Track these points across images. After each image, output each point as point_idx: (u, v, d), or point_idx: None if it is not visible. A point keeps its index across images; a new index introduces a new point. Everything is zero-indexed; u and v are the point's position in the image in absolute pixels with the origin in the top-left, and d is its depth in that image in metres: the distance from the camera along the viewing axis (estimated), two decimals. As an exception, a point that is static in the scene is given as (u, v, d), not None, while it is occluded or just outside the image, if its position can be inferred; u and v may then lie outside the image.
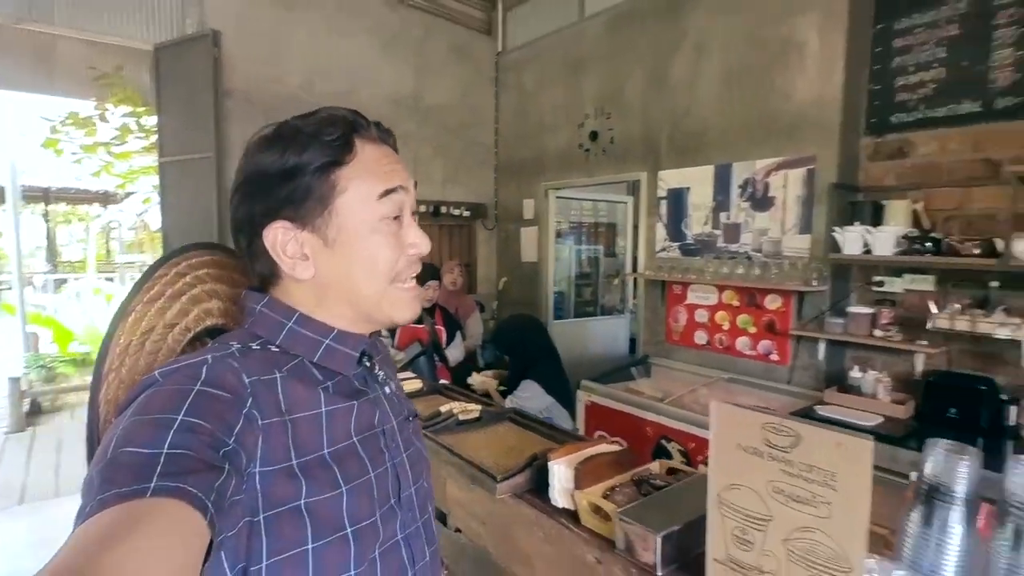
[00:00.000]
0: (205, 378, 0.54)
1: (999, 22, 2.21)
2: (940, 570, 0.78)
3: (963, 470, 0.77)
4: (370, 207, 0.63)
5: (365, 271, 0.64)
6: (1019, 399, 2.17)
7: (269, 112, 3.67)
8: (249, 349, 0.61)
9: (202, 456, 0.47)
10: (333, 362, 0.65)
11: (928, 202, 2.45)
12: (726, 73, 3.13)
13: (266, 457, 0.55)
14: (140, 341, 0.66)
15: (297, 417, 0.59)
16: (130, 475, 0.43)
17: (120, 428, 0.49)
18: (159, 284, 0.69)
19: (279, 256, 0.63)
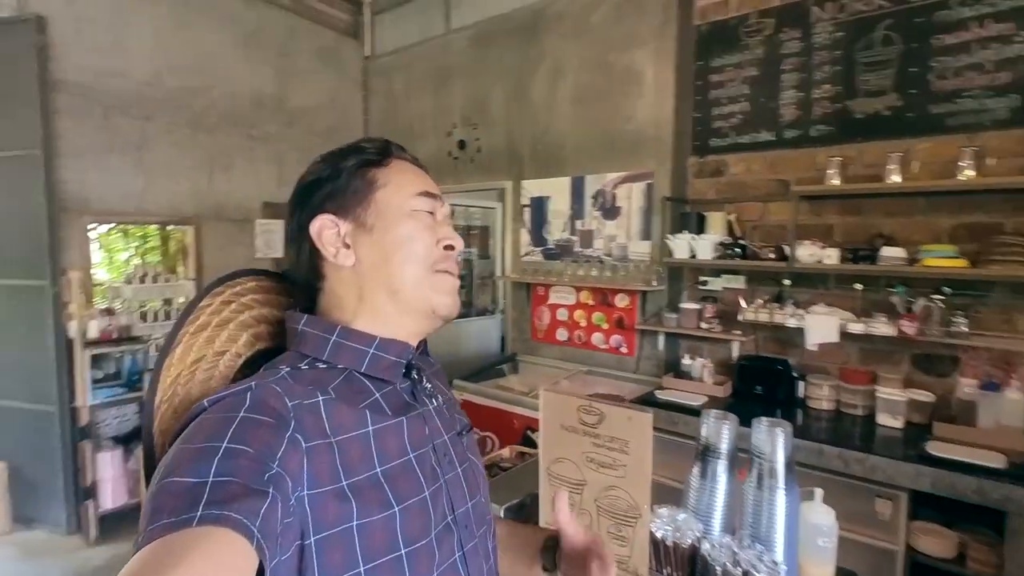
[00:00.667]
0: (249, 404, 0.55)
1: (785, 68, 2.70)
2: (712, 511, 1.02)
3: (726, 432, 1.02)
4: (408, 200, 0.68)
5: (403, 254, 0.67)
6: (806, 376, 2.67)
7: (110, 108, 3.39)
8: (299, 370, 0.63)
9: (247, 482, 0.48)
10: (379, 370, 0.66)
11: (739, 214, 2.91)
12: (579, 94, 3.44)
13: (313, 479, 0.55)
14: (190, 371, 0.66)
15: (344, 439, 0.59)
16: (177, 504, 0.45)
17: (170, 456, 0.51)
18: (204, 314, 0.68)
19: (322, 245, 0.67)
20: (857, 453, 2.13)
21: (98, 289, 3.63)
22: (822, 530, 1.11)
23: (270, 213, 4.24)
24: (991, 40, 2.21)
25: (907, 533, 2.10)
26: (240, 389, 0.57)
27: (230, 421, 0.53)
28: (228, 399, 0.56)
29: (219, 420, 0.53)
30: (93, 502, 2.93)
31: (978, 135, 2.26)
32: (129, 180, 3.52)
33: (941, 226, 2.38)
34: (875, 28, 2.45)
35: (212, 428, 0.52)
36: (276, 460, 0.52)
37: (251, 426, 0.53)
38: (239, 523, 0.44)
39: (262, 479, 0.49)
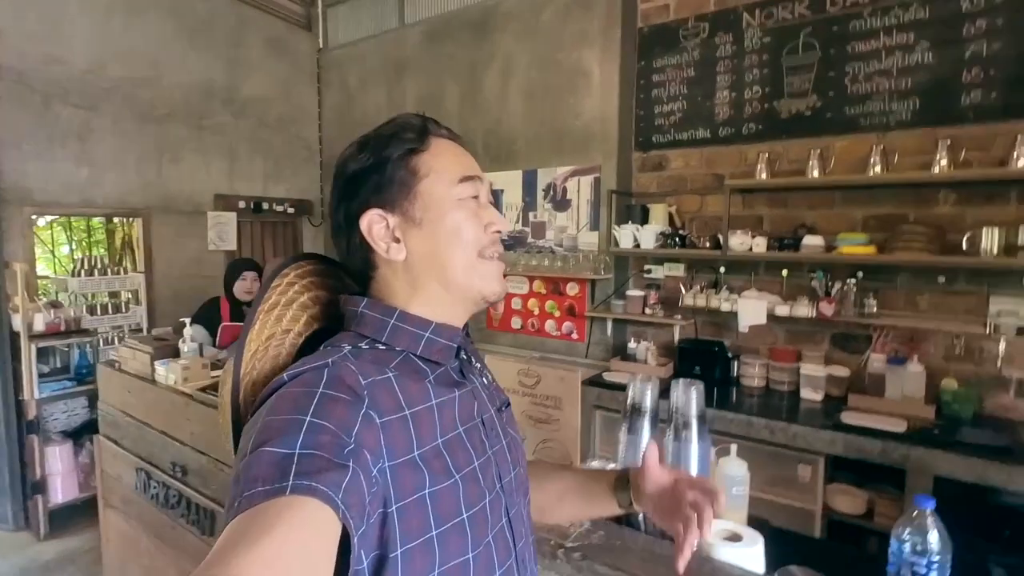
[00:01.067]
0: (326, 380, 0.59)
1: (719, 70, 2.90)
2: (638, 460, 1.17)
3: (648, 392, 1.16)
4: (452, 188, 0.69)
5: (453, 244, 0.69)
6: (739, 356, 2.89)
7: (51, 96, 3.31)
8: (360, 349, 0.66)
9: (329, 455, 0.52)
10: (434, 353, 0.69)
11: (679, 206, 3.11)
12: (529, 90, 3.57)
13: (392, 451, 0.59)
14: (265, 347, 0.69)
15: (415, 411, 0.63)
16: (270, 473, 0.49)
17: (257, 427, 0.55)
18: (275, 294, 0.72)
19: (374, 241, 0.68)
20: (781, 423, 2.34)
21: (43, 282, 3.55)
22: (736, 480, 1.28)
23: (222, 205, 4.21)
24: (896, 48, 2.45)
25: (824, 494, 2.34)
26: (318, 366, 0.61)
27: (311, 396, 0.56)
28: (307, 374, 0.59)
29: (301, 395, 0.57)
30: (43, 497, 2.88)
31: (886, 134, 2.51)
32: (72, 170, 3.44)
33: (855, 217, 2.63)
34: (798, 35, 2.66)
35: (296, 402, 0.56)
36: (352, 435, 0.55)
37: (329, 402, 0.56)
38: (325, 494, 0.48)
39: (342, 453, 0.53)
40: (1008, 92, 2.25)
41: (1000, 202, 2.32)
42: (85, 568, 2.64)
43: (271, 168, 4.56)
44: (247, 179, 4.39)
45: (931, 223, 2.41)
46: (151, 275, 3.83)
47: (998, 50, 2.26)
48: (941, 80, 2.37)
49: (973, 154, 2.33)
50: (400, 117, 0.72)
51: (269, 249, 4.62)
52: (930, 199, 2.45)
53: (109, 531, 2.28)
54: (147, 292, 3.79)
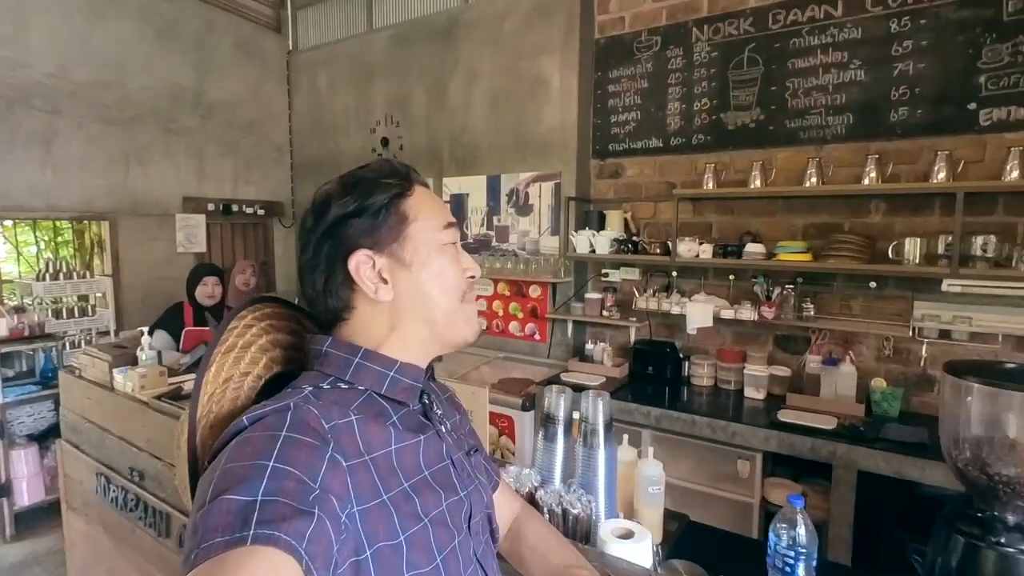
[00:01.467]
0: (290, 423, 0.58)
1: (671, 82, 3.01)
2: (553, 466, 1.27)
3: (562, 403, 1.27)
4: (437, 233, 0.72)
5: (440, 287, 0.71)
6: (690, 356, 3.02)
7: (13, 100, 3.32)
8: (321, 390, 0.66)
9: (293, 502, 0.50)
10: (398, 393, 0.70)
11: (634, 212, 3.22)
12: (493, 97, 3.65)
13: (360, 496, 0.58)
14: (222, 389, 0.69)
15: (376, 455, 0.62)
16: (229, 522, 0.47)
17: (216, 474, 0.52)
18: (232, 336, 0.72)
19: (362, 281, 0.69)
20: (721, 422, 2.47)
21: (8, 286, 3.56)
22: (652, 480, 1.39)
23: (191, 207, 4.23)
24: (832, 66, 2.58)
25: (762, 488, 2.48)
26: (280, 408, 0.60)
27: (274, 440, 0.55)
28: (269, 418, 0.58)
29: (263, 439, 0.55)
30: (8, 499, 2.92)
31: (823, 147, 2.64)
32: (36, 174, 3.45)
33: (796, 225, 2.77)
34: (743, 50, 2.78)
35: (258, 447, 0.54)
36: (318, 480, 0.54)
37: (294, 446, 0.55)
38: (287, 544, 0.47)
39: (307, 500, 0.51)
40: (931, 109, 2.39)
41: (925, 213, 2.46)
42: (51, 569, 2.69)
43: (240, 170, 4.59)
44: (216, 181, 4.41)
45: (863, 232, 2.55)
46: (119, 278, 3.86)
47: (923, 69, 2.40)
48: (872, 97, 2.51)
49: (901, 167, 2.47)
50: (382, 162, 0.75)
51: (240, 251, 4.65)
52: (863, 209, 2.59)
53: (72, 533, 2.35)
54: (115, 295, 3.82)
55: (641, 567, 1.01)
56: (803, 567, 1.06)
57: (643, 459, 1.43)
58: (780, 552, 1.08)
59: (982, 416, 0.88)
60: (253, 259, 4.43)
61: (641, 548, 1.06)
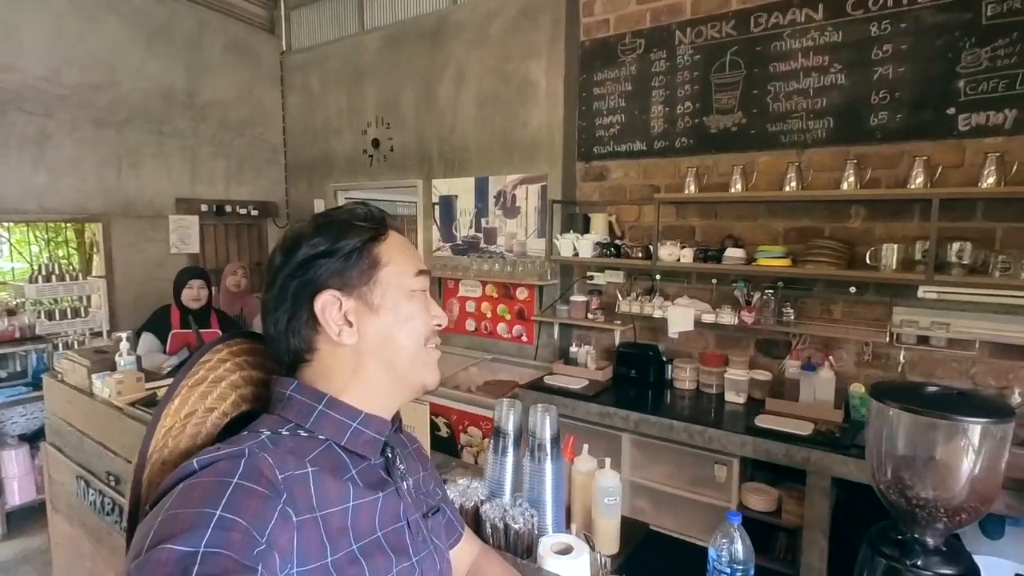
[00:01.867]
0: (243, 471, 0.55)
1: (655, 85, 3.00)
2: (503, 479, 1.29)
3: (511, 417, 1.28)
4: (408, 279, 0.72)
5: (406, 331, 0.70)
6: (672, 360, 3.02)
7: (5, 103, 3.36)
8: (279, 435, 0.63)
9: (237, 556, 0.48)
10: (359, 446, 0.67)
11: (619, 215, 3.22)
12: (481, 99, 3.65)
13: (302, 556, 0.55)
14: (182, 424, 0.66)
15: (327, 512, 0.60)
16: (167, 575, 0.45)
17: (159, 519, 0.50)
18: (203, 369, 0.70)
19: (326, 322, 0.66)
20: (698, 427, 2.48)
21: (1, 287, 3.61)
22: (609, 491, 1.40)
23: (184, 209, 4.27)
24: (812, 70, 2.56)
25: (739, 493, 2.49)
26: (232, 452, 0.57)
27: (223, 487, 0.52)
28: (221, 463, 0.55)
29: (212, 485, 0.52)
30: (-1, 499, 2.99)
31: (804, 151, 2.63)
32: (28, 177, 3.50)
33: (777, 229, 2.76)
34: (725, 53, 2.77)
35: (206, 493, 0.52)
36: (266, 535, 0.52)
37: (244, 495, 0.52)
38: None
39: (251, 554, 0.49)
40: (911, 114, 2.38)
41: (904, 218, 2.45)
42: (40, 568, 2.75)
43: (233, 171, 4.62)
44: (209, 182, 4.45)
45: (843, 237, 2.54)
46: (112, 279, 3.90)
47: (903, 73, 2.38)
48: (852, 101, 2.49)
49: (881, 172, 2.46)
50: (357, 205, 0.74)
51: (234, 251, 4.69)
52: (843, 214, 2.58)
53: (57, 534, 2.39)
54: (108, 296, 3.87)
55: (574, 583, 1.02)
56: (740, 583, 1.07)
57: (600, 470, 1.44)
58: (718, 569, 1.09)
59: (902, 439, 0.88)
60: (245, 260, 4.47)
61: (578, 564, 1.07)
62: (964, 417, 0.81)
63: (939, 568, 0.84)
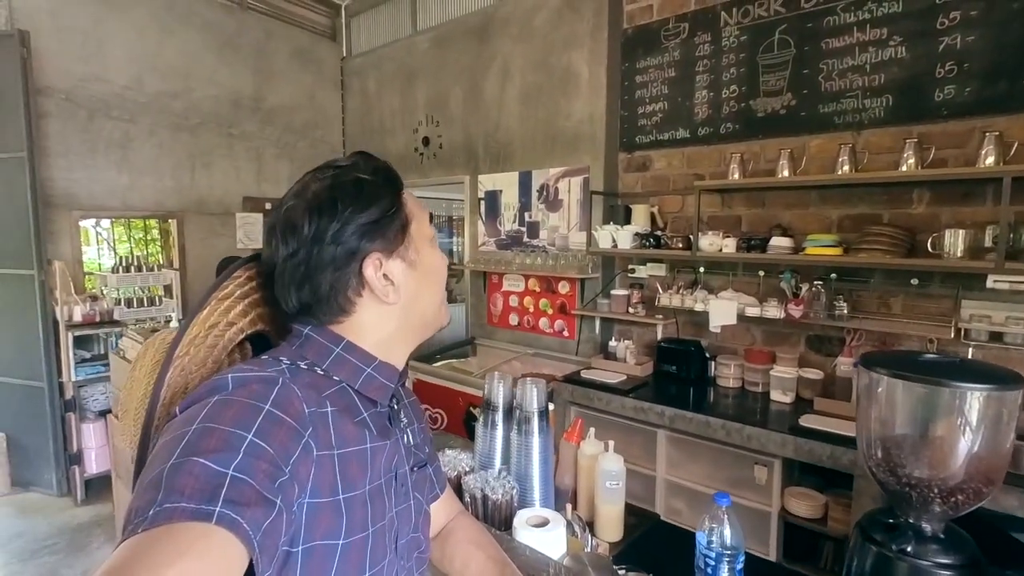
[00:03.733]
0: (275, 398, 0.56)
1: (699, 69, 2.88)
2: (493, 452, 1.27)
3: (500, 390, 1.26)
4: (425, 228, 0.73)
5: (434, 282, 0.73)
6: (716, 356, 2.88)
7: (94, 111, 3.70)
8: (298, 368, 0.65)
9: (261, 487, 0.49)
10: (372, 390, 0.69)
11: (661, 206, 3.12)
12: (525, 93, 3.66)
13: (316, 489, 0.57)
14: (205, 334, 0.68)
15: (345, 452, 0.61)
16: (198, 490, 0.46)
17: (193, 428, 0.51)
18: (233, 284, 0.72)
19: (375, 285, 0.67)
20: (735, 424, 2.34)
21: (89, 278, 3.98)
22: (611, 475, 1.35)
23: (250, 207, 4.54)
24: (869, 44, 2.37)
25: (782, 497, 2.33)
26: (267, 378, 0.58)
27: (256, 412, 0.54)
28: (255, 385, 0.57)
29: (247, 408, 0.54)
30: (79, 467, 3.28)
31: (860, 133, 2.44)
32: (114, 177, 3.84)
33: (830, 217, 2.57)
34: (773, 32, 2.62)
35: (239, 415, 0.53)
36: (289, 465, 0.53)
37: (275, 423, 0.54)
38: (245, 534, 0.46)
39: (273, 486, 0.51)
40: (982, 86, 2.15)
41: (975, 202, 2.22)
42: (108, 532, 2.99)
43: (296, 171, 4.84)
44: (273, 182, 4.71)
45: (904, 224, 2.33)
46: (184, 272, 4.21)
47: (972, 43, 2.16)
48: (914, 76, 2.29)
49: (947, 152, 2.24)
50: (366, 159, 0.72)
51: (295, 247, 4.92)
52: (903, 199, 2.37)
53: (119, 499, 2.59)
54: (181, 287, 4.17)
55: (542, 555, 0.98)
56: (727, 569, 1.00)
57: (603, 453, 1.39)
58: (703, 552, 1.02)
59: (893, 410, 0.79)
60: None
61: (551, 537, 1.03)
62: (961, 383, 0.71)
63: (935, 557, 0.74)
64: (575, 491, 1.44)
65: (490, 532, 1.08)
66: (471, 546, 0.91)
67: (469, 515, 1.00)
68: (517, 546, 1.02)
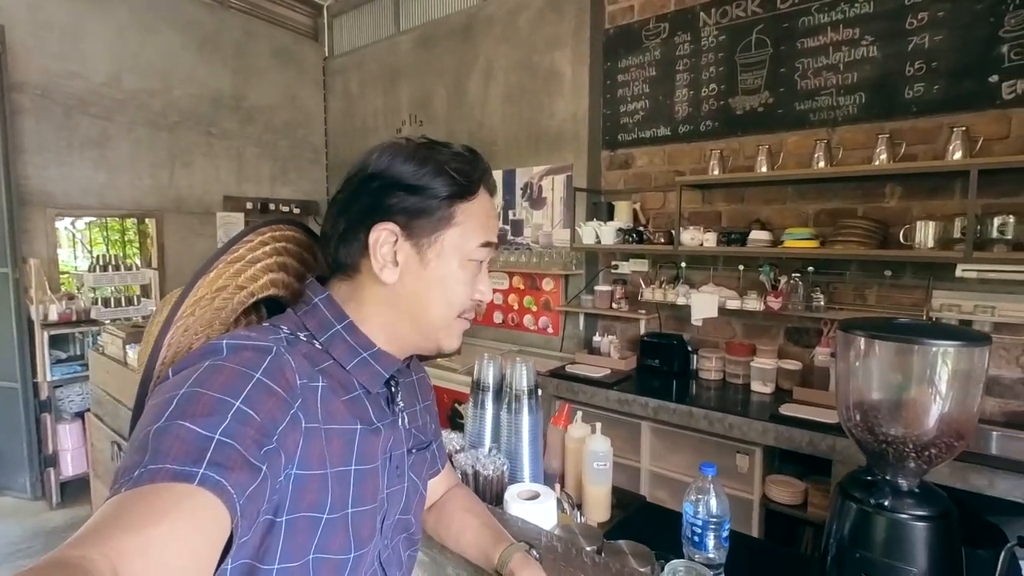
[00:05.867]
0: (266, 367, 0.56)
1: (679, 68, 2.95)
2: (483, 434, 1.29)
3: (489, 371, 1.28)
4: (470, 249, 0.68)
5: (443, 298, 0.68)
6: (698, 349, 2.93)
7: (71, 108, 3.65)
8: (296, 338, 0.64)
9: (247, 452, 0.49)
10: (363, 376, 0.67)
11: (643, 203, 3.17)
12: (508, 93, 3.69)
13: (304, 460, 0.57)
14: (212, 296, 0.67)
15: (331, 428, 0.61)
16: (183, 452, 0.46)
17: (182, 392, 0.51)
18: (244, 248, 0.71)
19: (374, 253, 0.66)
20: (718, 413, 2.39)
21: (65, 277, 3.90)
22: (599, 456, 1.37)
23: (231, 206, 4.50)
24: (842, 44, 2.45)
25: (763, 484, 2.37)
26: (262, 347, 0.58)
27: (246, 379, 0.54)
28: (248, 352, 0.57)
29: (237, 374, 0.54)
30: (55, 470, 3.20)
31: (835, 129, 2.51)
32: (91, 175, 3.77)
33: (807, 211, 2.64)
34: (750, 32, 2.69)
35: (229, 381, 0.53)
36: (276, 434, 0.53)
37: (263, 392, 0.54)
38: (229, 496, 0.46)
39: (259, 452, 0.51)
40: (950, 84, 2.23)
41: (944, 195, 2.30)
42: (86, 534, 2.93)
43: (278, 171, 4.84)
44: (254, 181, 4.67)
45: (878, 217, 2.40)
46: (163, 272, 4.15)
47: (940, 42, 2.24)
48: (885, 74, 2.37)
49: (917, 148, 2.32)
50: (464, 152, 0.70)
51: (277, 247, 4.88)
52: (876, 193, 2.45)
53: (97, 499, 2.54)
54: (160, 286, 4.11)
55: (534, 525, 1.00)
56: (712, 537, 1.03)
57: (591, 435, 1.41)
58: (690, 522, 1.05)
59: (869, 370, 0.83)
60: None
61: (543, 509, 1.05)
62: (934, 341, 0.75)
63: (912, 510, 0.78)
64: (563, 474, 1.46)
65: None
66: (467, 514, 0.91)
67: (465, 486, 1.01)
68: (509, 518, 1.03)
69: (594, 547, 0.93)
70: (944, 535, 0.76)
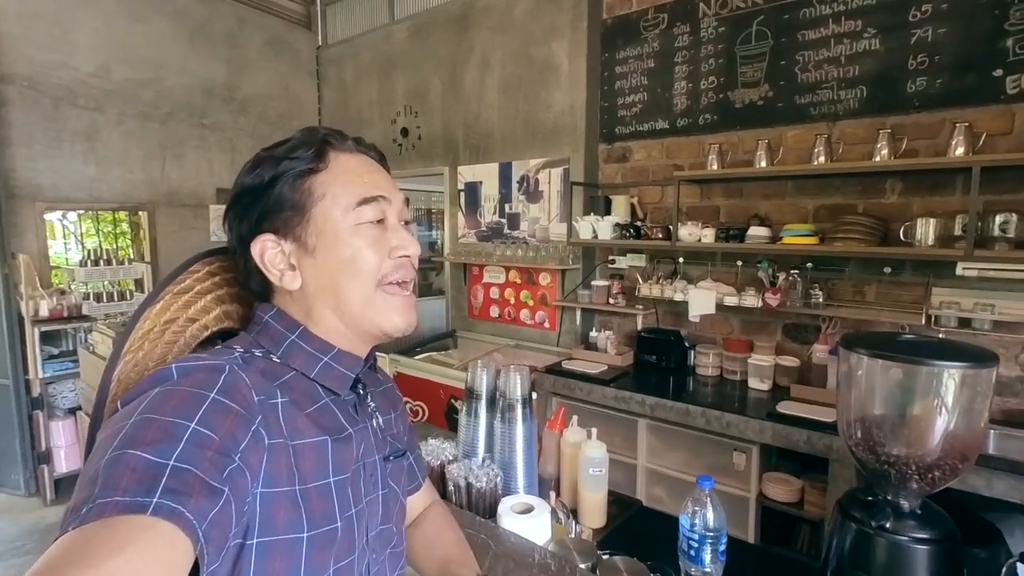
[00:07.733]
0: (221, 386, 0.53)
1: (677, 60, 2.90)
2: (476, 440, 1.26)
3: (483, 378, 1.25)
4: (348, 214, 0.64)
5: (347, 275, 0.64)
6: (695, 345, 2.91)
7: (59, 99, 3.58)
8: (252, 356, 0.62)
9: (206, 476, 0.46)
10: (329, 380, 0.65)
11: (641, 197, 3.13)
12: (505, 84, 3.63)
13: (270, 478, 0.54)
14: (161, 329, 0.65)
15: (299, 444, 0.58)
16: (133, 482, 0.43)
17: (131, 421, 0.48)
18: (191, 279, 0.69)
19: (266, 268, 0.64)
20: (714, 411, 2.37)
21: (56, 271, 3.86)
22: (594, 462, 1.35)
23: (224, 199, 4.43)
24: (844, 36, 2.41)
25: (760, 482, 2.37)
26: (214, 366, 0.56)
27: (200, 400, 0.51)
28: (199, 375, 0.54)
29: (189, 396, 0.51)
30: (48, 467, 3.18)
31: (835, 123, 2.47)
32: (80, 168, 3.72)
33: (806, 208, 2.61)
34: (751, 24, 2.64)
35: (182, 404, 0.50)
36: (239, 453, 0.51)
37: (220, 411, 0.51)
38: (188, 523, 0.43)
39: (221, 475, 0.48)
40: (953, 78, 2.19)
41: (945, 191, 2.27)
42: (80, 531, 2.91)
43: (271, 162, 4.76)
44: (247, 174, 4.60)
45: (878, 213, 2.37)
46: (156, 265, 4.11)
47: (943, 35, 2.20)
48: (887, 68, 2.33)
49: (919, 143, 2.29)
50: (301, 131, 0.67)
51: (271, 240, 4.84)
52: (877, 189, 2.41)
53: (90, 497, 2.52)
54: (152, 281, 4.07)
55: (527, 541, 0.98)
56: (709, 551, 1.01)
57: (587, 441, 1.39)
58: (686, 535, 1.03)
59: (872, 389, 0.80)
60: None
61: (536, 523, 1.03)
62: (939, 362, 0.73)
63: (913, 532, 0.76)
64: (558, 479, 1.44)
65: (475, 520, 1.07)
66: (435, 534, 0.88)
67: (442, 504, 0.98)
68: (502, 533, 1.01)
69: (588, 564, 0.91)
70: (946, 559, 0.74)
